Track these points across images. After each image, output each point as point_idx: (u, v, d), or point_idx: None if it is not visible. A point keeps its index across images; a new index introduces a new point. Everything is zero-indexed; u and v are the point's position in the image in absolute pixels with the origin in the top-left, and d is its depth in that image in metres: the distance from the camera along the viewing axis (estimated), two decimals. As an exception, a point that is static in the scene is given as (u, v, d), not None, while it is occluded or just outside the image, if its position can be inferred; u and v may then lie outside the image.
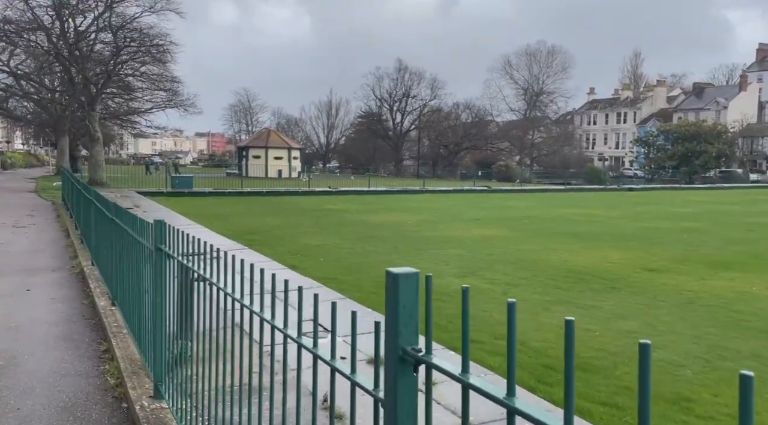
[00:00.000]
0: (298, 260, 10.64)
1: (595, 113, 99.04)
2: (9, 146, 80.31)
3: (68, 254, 10.98)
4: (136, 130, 61.63)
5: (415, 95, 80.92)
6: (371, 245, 12.86)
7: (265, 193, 28.07)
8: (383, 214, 19.90)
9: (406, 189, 32.45)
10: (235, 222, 16.53)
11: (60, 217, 17.16)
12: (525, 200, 28.66)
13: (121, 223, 5.79)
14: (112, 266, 6.91)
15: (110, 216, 6.81)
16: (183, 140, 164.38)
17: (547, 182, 55.54)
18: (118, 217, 6.21)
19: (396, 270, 1.49)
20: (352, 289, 8.34)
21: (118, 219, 6.16)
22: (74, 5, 32.80)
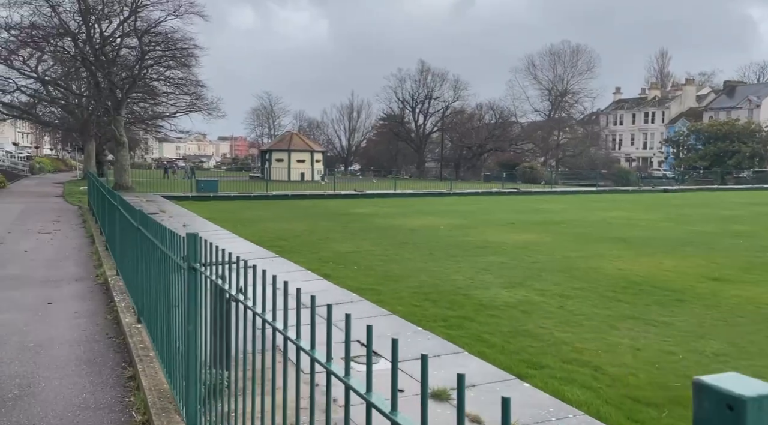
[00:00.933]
0: (330, 269, 10.04)
1: (621, 113, 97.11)
2: (38, 151, 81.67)
3: (92, 263, 10.55)
4: (161, 134, 62.09)
5: (438, 97, 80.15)
6: (405, 251, 12.21)
7: (291, 196, 27.63)
8: (414, 218, 19.23)
9: (432, 192, 31.73)
10: (262, 227, 16.04)
11: (85, 222, 16.88)
12: (557, 202, 27.70)
13: (148, 233, 5.24)
14: (138, 278, 6.38)
15: (135, 225, 6.28)
16: (206, 144, 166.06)
17: (573, 184, 54.24)
18: (145, 226, 5.67)
19: (732, 386, 0.70)
20: (393, 301, 7.69)
21: (145, 229, 5.61)
22: (100, 10, 32.89)
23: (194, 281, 3.35)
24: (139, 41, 33.57)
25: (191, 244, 3.28)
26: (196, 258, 3.31)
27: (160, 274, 5.00)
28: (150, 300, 5.62)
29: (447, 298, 7.93)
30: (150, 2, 33.22)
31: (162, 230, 4.59)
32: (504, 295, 8.11)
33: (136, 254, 6.46)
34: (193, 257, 3.31)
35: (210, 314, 3.41)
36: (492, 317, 6.95)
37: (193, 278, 3.34)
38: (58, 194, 28.21)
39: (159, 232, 4.65)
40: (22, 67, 36.76)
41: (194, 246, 3.27)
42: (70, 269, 9.95)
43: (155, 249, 5.06)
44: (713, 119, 76.89)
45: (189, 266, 3.33)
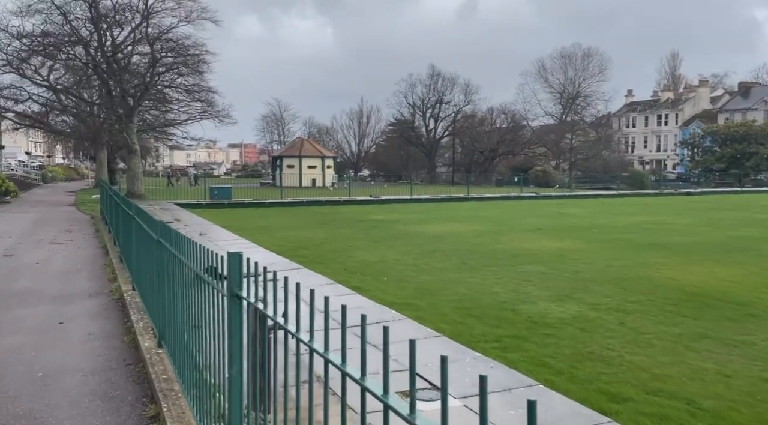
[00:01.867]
0: (359, 280, 9.38)
1: (634, 116, 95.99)
2: (50, 160, 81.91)
3: (107, 276, 9.96)
4: (172, 142, 61.97)
5: (449, 101, 79.49)
6: (435, 260, 11.52)
7: (306, 203, 27.03)
8: (436, 224, 18.54)
9: (450, 197, 31.00)
10: (281, 236, 15.42)
11: (98, 232, 16.37)
12: (579, 206, 26.90)
13: (172, 248, 4.60)
14: (158, 297, 5.76)
15: (155, 237, 5.66)
16: (216, 151, 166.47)
17: (587, 187, 53.32)
18: (167, 239, 5.04)
19: None
20: (434, 318, 7.01)
21: (167, 242, 4.99)
22: (112, 17, 32.62)
23: (238, 313, 2.70)
24: (151, 48, 33.25)
25: (235, 267, 2.63)
26: (241, 284, 2.66)
27: (185, 295, 4.37)
28: (173, 324, 4.99)
29: (492, 314, 7.23)
30: (161, 8, 32.93)
31: (190, 244, 3.95)
32: (555, 310, 7.40)
33: (156, 269, 5.84)
34: (237, 283, 2.66)
35: (248, 345, 2.78)
36: (548, 337, 6.25)
37: (237, 310, 2.69)
38: (71, 203, 27.82)
39: (187, 247, 4.01)
40: (34, 76, 36.60)
41: (238, 270, 2.62)
42: (83, 283, 9.36)
43: (179, 265, 4.43)
44: (729, 121, 75.60)
45: (231, 294, 2.68)
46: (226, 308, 2.76)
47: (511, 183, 54.07)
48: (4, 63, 32.74)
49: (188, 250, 4.08)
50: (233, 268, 2.62)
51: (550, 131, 78.96)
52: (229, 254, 2.66)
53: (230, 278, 2.66)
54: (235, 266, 2.62)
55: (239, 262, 2.62)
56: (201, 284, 3.51)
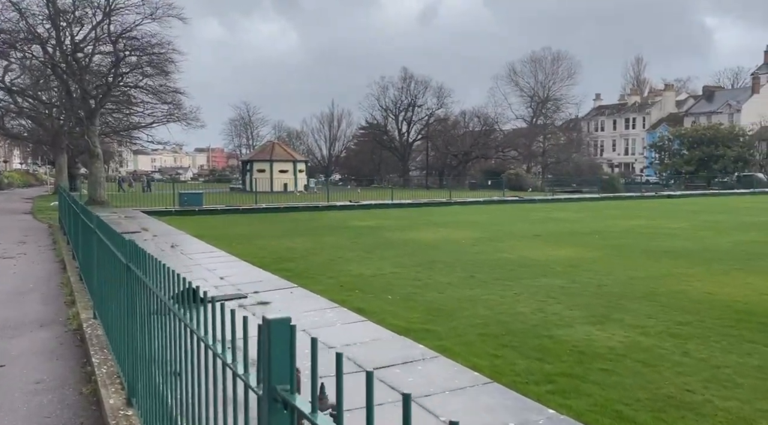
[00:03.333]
0: (360, 300, 8.19)
1: (602, 119, 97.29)
2: (6, 165, 78.05)
3: (63, 298, 8.53)
4: (137, 146, 59.55)
5: (422, 104, 78.87)
6: (438, 273, 10.41)
7: (283, 209, 25.63)
8: (426, 230, 17.45)
9: (432, 201, 29.98)
10: (261, 246, 14.09)
11: (56, 243, 14.76)
12: (566, 210, 26.21)
13: (149, 282, 3.37)
14: (126, 332, 4.48)
15: (125, 261, 4.39)
16: (183, 155, 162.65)
17: (559, 190, 53.25)
18: (140, 265, 3.80)
19: None
20: (461, 348, 5.88)
21: (140, 270, 3.74)
22: (71, 13, 30.63)
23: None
24: (113, 47, 31.36)
25: (281, 353, 1.43)
26: (281, 377, 1.46)
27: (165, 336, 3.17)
28: (148, 373, 3.74)
29: (529, 342, 6.14)
30: (125, 5, 31.09)
31: (171, 275, 2.72)
32: (598, 336, 6.35)
33: (125, 299, 4.57)
34: (278, 377, 1.46)
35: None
36: (607, 374, 5.17)
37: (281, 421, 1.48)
38: (27, 211, 25.81)
39: (166, 277, 2.78)
40: (-13, 76, 34.35)
41: (289, 357, 1.42)
42: (35, 308, 7.93)
43: (157, 301, 3.21)
44: (695, 124, 76.96)
45: (270, 397, 1.48)
46: (265, 415, 1.55)
47: (484, 187, 53.52)
48: (-47, 62, 30.48)
49: (166, 279, 2.87)
50: (279, 360, 1.42)
51: (521, 134, 79.09)
52: (268, 325, 1.46)
53: (269, 369, 1.45)
54: (283, 357, 1.41)
55: (289, 343, 1.42)
56: (203, 350, 2.30)
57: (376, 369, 4.77)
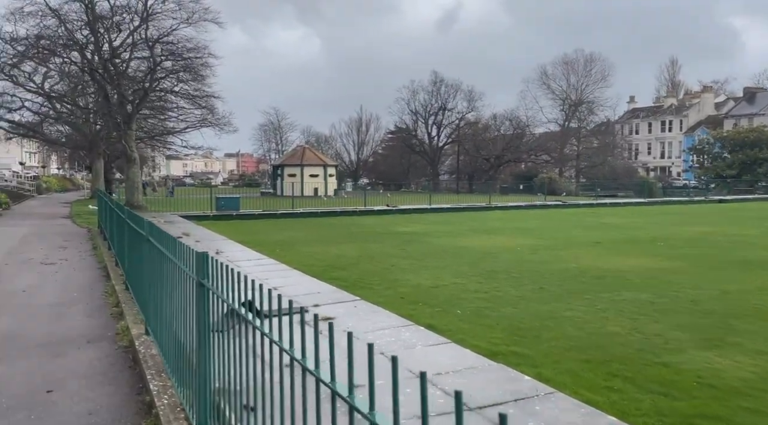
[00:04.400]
0: (428, 315, 7.45)
1: (637, 122, 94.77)
2: (45, 170, 79.71)
3: (109, 309, 7.98)
4: (171, 150, 60.02)
5: (452, 108, 77.95)
6: (503, 284, 9.59)
7: (320, 214, 25.05)
8: (475, 237, 16.60)
9: (472, 206, 29.05)
10: (307, 253, 13.45)
11: (96, 248, 14.39)
12: (615, 215, 25.00)
13: (269, 335, 2.69)
14: (198, 357, 3.82)
15: (192, 275, 3.74)
16: (213, 160, 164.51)
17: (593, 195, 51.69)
18: (218, 283, 3.12)
19: None
20: (564, 378, 5.08)
21: (221, 290, 3.07)
22: (109, 19, 30.74)
23: None
24: (150, 52, 31.37)
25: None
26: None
27: (249, 370, 2.47)
28: (218, 413, 3.06)
29: (643, 372, 5.28)
30: (161, 10, 31.08)
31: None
32: (722, 364, 5.46)
33: (192, 319, 3.92)
34: None
35: None
36: (757, 416, 4.30)
37: None
38: (65, 215, 25.79)
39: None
40: (27, 83, 34.74)
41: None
42: (80, 321, 7.38)
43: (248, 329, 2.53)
44: (737, 126, 74.22)
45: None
46: None
47: (515, 191, 52.19)
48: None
49: (264, 298, 2.16)
50: None
51: (552, 138, 77.48)
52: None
53: None
54: None
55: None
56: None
57: (484, 408, 4.00)
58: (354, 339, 1.64)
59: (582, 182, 69.29)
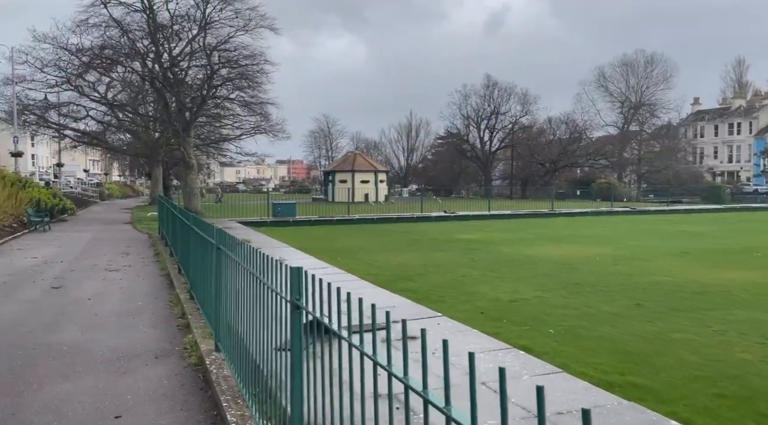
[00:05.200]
0: (516, 334, 6.70)
1: (702, 125, 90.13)
2: (107, 177, 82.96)
3: (175, 321, 7.61)
4: (226, 158, 61.16)
5: (505, 112, 76.31)
6: (593, 299, 8.71)
7: (377, 220, 24.54)
8: (546, 246, 15.65)
9: (534, 212, 27.89)
10: (370, 261, 12.89)
11: (158, 255, 14.29)
12: (694, 222, 23.36)
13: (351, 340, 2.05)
14: (291, 384, 3.26)
15: (284, 295, 3.17)
16: (265, 167, 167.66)
17: (655, 201, 49.13)
18: (318, 308, 2.54)
19: None
20: (709, 422, 4.23)
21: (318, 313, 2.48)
22: (169, 27, 31.35)
23: None
24: (208, 59, 31.80)
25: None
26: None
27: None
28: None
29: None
30: (219, 18, 31.48)
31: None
32: None
33: (269, 333, 3.36)
34: None
35: None
36: None
37: None
38: (127, 221, 26.28)
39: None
40: (91, 92, 35.91)
41: None
42: (146, 333, 7.02)
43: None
44: (815, 129, 69.47)
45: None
46: None
47: (571, 197, 50.25)
48: (64, 80, 31.99)
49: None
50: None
51: (610, 141, 74.58)
52: None
53: None
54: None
55: None
56: None
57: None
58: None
59: (643, 187, 66.35)
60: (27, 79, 31.37)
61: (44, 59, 29.77)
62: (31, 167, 63.02)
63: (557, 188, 63.90)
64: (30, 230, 19.54)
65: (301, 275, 3.06)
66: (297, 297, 3.06)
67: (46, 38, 28.87)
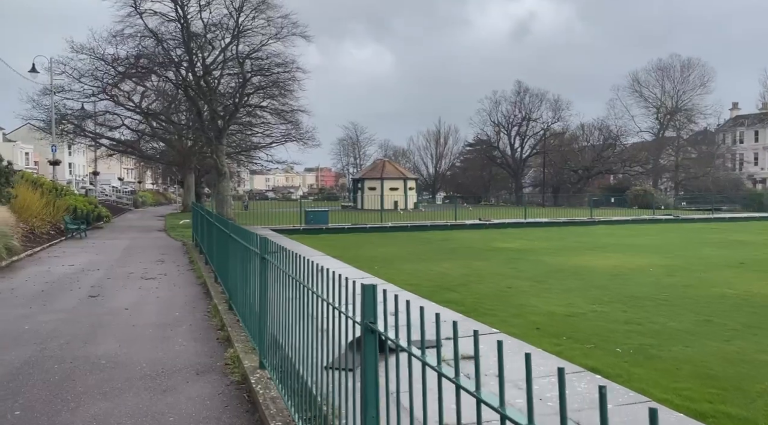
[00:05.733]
0: (581, 353, 6.18)
1: (741, 130, 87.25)
2: (140, 185, 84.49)
3: (215, 333, 7.29)
4: (256, 165, 61.61)
5: (537, 118, 75.28)
6: (656, 314, 8.09)
7: (410, 227, 24.09)
8: (591, 255, 14.98)
9: (572, 220, 27.06)
10: (408, 270, 12.45)
11: (193, 262, 14.11)
12: (741, 232, 22.29)
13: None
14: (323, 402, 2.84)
15: (359, 322, 2.75)
16: (293, 175, 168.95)
17: (693, 209, 47.45)
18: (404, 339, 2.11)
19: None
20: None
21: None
22: (203, 37, 31.61)
23: None
24: (241, 68, 31.95)
25: None
26: None
27: None
28: None
29: None
30: (251, 26, 31.61)
31: None
32: None
33: (325, 354, 2.95)
34: None
35: None
36: None
37: None
38: (160, 228, 26.40)
39: None
40: (127, 102, 36.45)
41: None
42: (186, 347, 6.70)
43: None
44: None
45: None
46: None
47: (605, 204, 48.87)
48: (100, 90, 32.53)
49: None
50: None
51: (644, 148, 72.73)
52: None
53: None
54: None
55: None
56: None
57: None
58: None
59: (680, 194, 64.41)
60: (65, 89, 32.03)
61: (81, 70, 30.32)
62: (68, 176, 64.48)
63: (591, 195, 62.52)
64: (67, 237, 19.67)
65: (375, 295, 2.65)
66: (371, 320, 2.65)
67: (83, 49, 29.38)
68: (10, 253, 13.99)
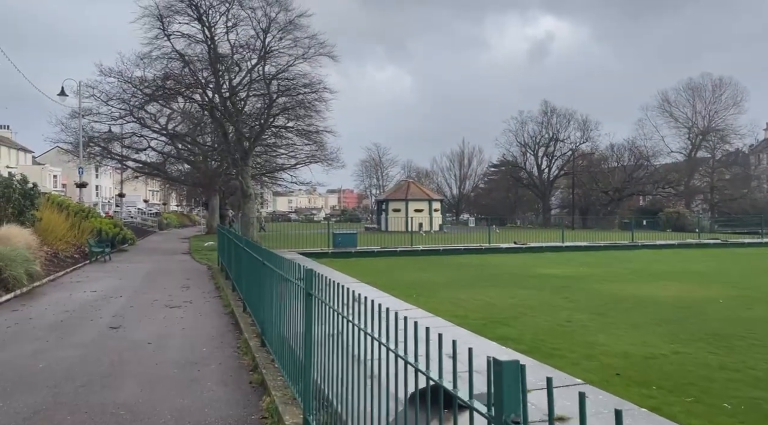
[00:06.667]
0: (681, 409, 5.14)
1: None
2: (165, 207, 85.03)
3: (247, 375, 6.42)
4: (281, 187, 61.37)
5: (564, 139, 74.01)
6: (751, 357, 7.02)
7: (442, 251, 23.11)
8: (646, 284, 13.83)
9: (614, 244, 25.78)
10: (451, 299, 11.48)
11: (219, 289, 13.36)
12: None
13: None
14: None
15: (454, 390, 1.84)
16: (316, 196, 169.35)
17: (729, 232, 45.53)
18: None
19: None
20: None
21: None
22: (230, 57, 31.47)
23: None
24: (267, 89, 31.66)
25: None
26: None
27: None
28: None
29: None
30: (278, 47, 31.37)
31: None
32: None
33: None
34: None
35: None
36: None
37: None
38: (185, 251, 25.85)
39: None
40: (153, 124, 36.47)
41: None
42: (215, 392, 5.84)
43: None
44: None
45: None
46: None
47: (638, 227, 47.20)
48: (127, 112, 32.56)
49: None
50: None
51: (674, 169, 70.73)
52: None
53: None
54: None
55: None
56: None
57: None
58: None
59: (718, 217, 62.16)
60: (93, 112, 32.11)
61: (109, 92, 30.34)
62: (95, 198, 65.10)
63: (621, 217, 60.56)
64: (91, 260, 19.16)
65: (521, 378, 1.77)
66: (511, 416, 1.76)
67: (111, 72, 29.40)
68: (32, 278, 13.40)
